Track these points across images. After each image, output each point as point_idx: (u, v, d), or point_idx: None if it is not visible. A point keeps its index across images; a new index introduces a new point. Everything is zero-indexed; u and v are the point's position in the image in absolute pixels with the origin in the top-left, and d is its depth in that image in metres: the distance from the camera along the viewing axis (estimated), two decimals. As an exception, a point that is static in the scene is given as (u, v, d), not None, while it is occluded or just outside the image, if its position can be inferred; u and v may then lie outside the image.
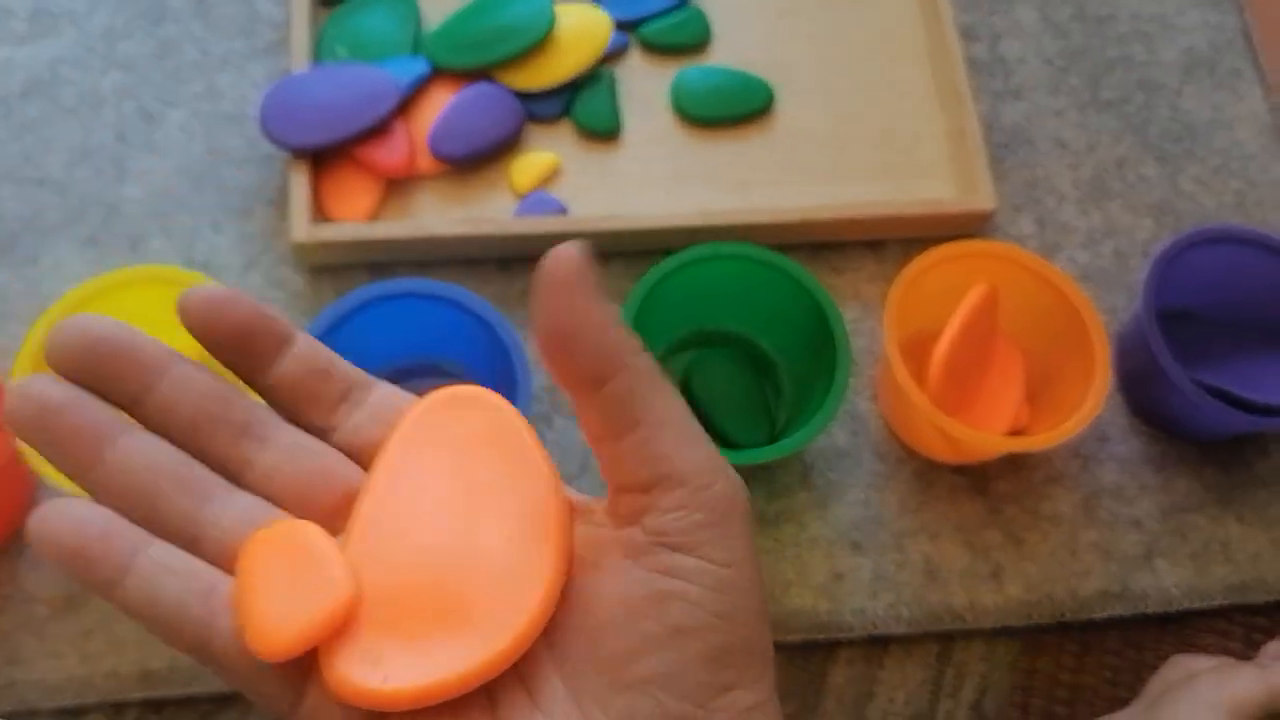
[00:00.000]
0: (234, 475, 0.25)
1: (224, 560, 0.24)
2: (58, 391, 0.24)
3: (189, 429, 0.25)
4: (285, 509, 0.25)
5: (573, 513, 0.26)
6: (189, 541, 0.24)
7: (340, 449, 0.26)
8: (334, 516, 0.26)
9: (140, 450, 0.24)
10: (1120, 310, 0.55)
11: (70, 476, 0.24)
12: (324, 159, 0.52)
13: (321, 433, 0.26)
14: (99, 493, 0.24)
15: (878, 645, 0.47)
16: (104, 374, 0.24)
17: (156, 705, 0.44)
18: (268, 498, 0.25)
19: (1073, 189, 0.57)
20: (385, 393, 0.27)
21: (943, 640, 0.48)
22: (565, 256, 0.23)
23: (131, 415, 0.25)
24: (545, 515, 0.25)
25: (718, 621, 0.23)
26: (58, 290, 0.50)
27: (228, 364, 0.26)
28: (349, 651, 0.23)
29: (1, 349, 0.49)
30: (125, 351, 0.24)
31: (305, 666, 0.24)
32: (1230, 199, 0.58)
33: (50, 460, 0.24)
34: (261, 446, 0.26)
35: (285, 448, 0.26)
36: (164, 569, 0.23)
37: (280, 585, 0.23)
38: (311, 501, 0.26)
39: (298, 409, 0.26)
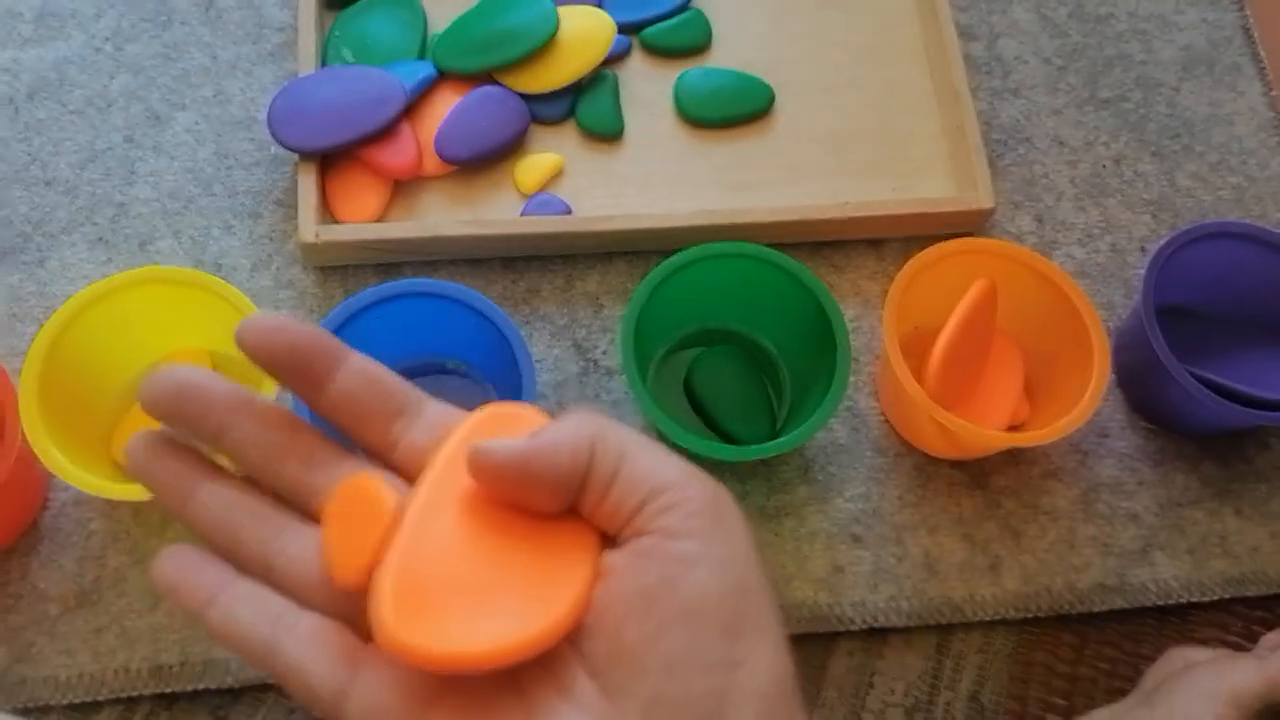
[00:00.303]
0: (303, 502, 0.29)
1: (295, 585, 0.28)
2: (155, 441, 0.29)
3: (263, 462, 0.28)
4: None
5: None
6: (263, 570, 0.28)
7: (398, 469, 0.29)
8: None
9: (224, 489, 0.28)
10: (1118, 306, 0.55)
11: (169, 511, 0.28)
12: (331, 161, 0.53)
13: (381, 451, 0.29)
14: (198, 527, 0.28)
15: (877, 637, 0.48)
16: (188, 415, 0.28)
17: (168, 700, 0.45)
18: None
19: (1070, 186, 0.58)
20: (438, 411, 0.29)
21: (942, 632, 0.48)
22: (482, 457, 0.26)
23: (214, 449, 0.28)
24: (579, 520, 0.28)
25: (727, 598, 0.25)
26: (67, 291, 0.51)
27: (286, 385, 0.28)
28: (409, 616, 0.25)
29: (12, 349, 0.50)
30: (202, 396, 0.28)
31: (356, 660, 0.26)
32: (1229, 195, 0.58)
33: (155, 494, 0.28)
34: (326, 473, 0.28)
35: (348, 473, 0.28)
36: (241, 600, 0.27)
37: (350, 526, 0.27)
38: None
39: (355, 426, 0.29)
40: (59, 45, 0.57)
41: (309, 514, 0.29)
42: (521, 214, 0.53)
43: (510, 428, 0.28)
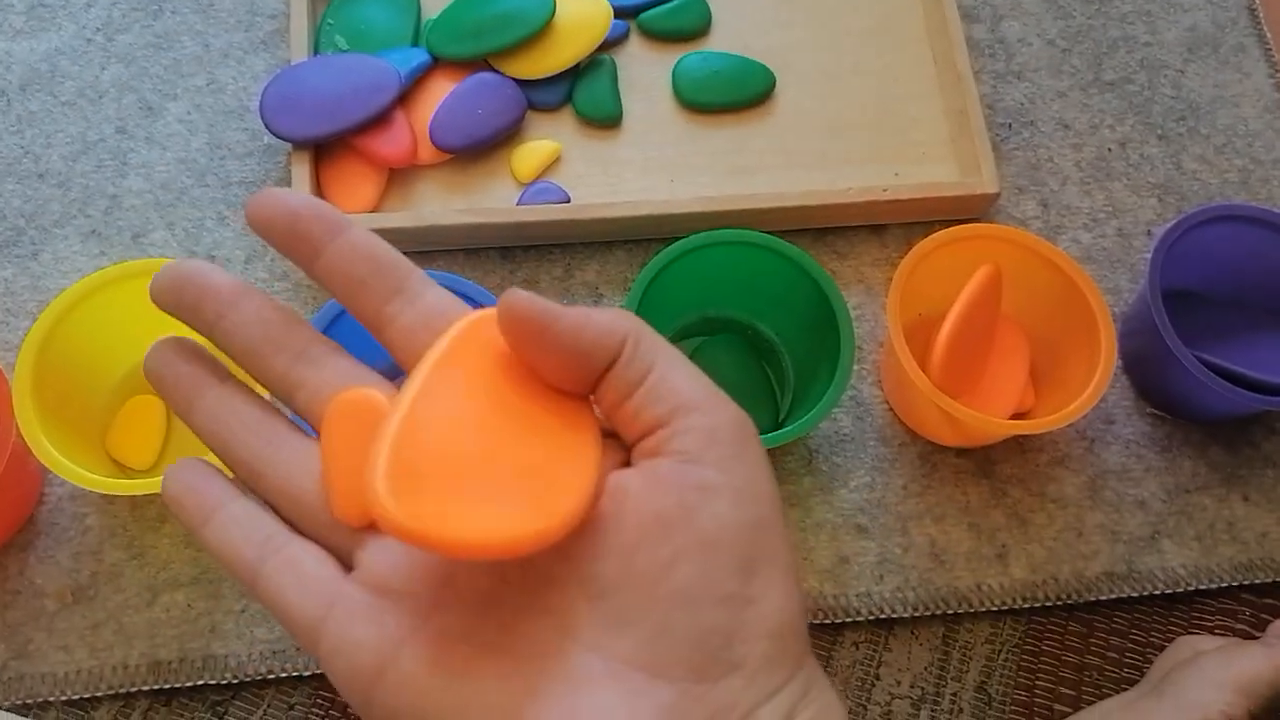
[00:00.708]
0: (287, 397, 0.28)
1: (284, 499, 0.27)
2: (169, 348, 0.29)
3: (248, 353, 0.28)
4: None
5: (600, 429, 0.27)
6: (254, 477, 0.28)
7: (393, 347, 0.28)
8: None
9: (222, 399, 0.28)
10: (1124, 291, 0.54)
11: (179, 415, 0.29)
12: (325, 150, 0.52)
13: (376, 326, 0.28)
14: (196, 432, 0.28)
15: (883, 628, 0.48)
16: (186, 303, 0.28)
17: (166, 696, 0.44)
18: (315, 419, 0.28)
19: (1075, 170, 0.57)
20: (439, 297, 0.28)
21: (948, 622, 0.48)
22: (514, 299, 0.25)
23: (208, 339, 0.28)
24: (581, 423, 0.26)
25: (744, 532, 0.24)
26: (60, 285, 0.50)
27: (283, 252, 0.28)
28: (406, 496, 0.23)
29: (6, 343, 0.49)
30: (202, 284, 0.28)
31: (334, 592, 0.26)
32: (1235, 177, 0.58)
33: (166, 400, 0.29)
34: (315, 370, 0.28)
35: (337, 370, 0.28)
36: (235, 520, 0.27)
37: (352, 448, 0.26)
38: None
39: (349, 296, 0.28)
40: (50, 36, 0.56)
41: (298, 409, 0.28)
42: (518, 202, 0.53)
43: None
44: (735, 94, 0.56)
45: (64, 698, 0.44)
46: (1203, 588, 0.49)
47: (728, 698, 0.24)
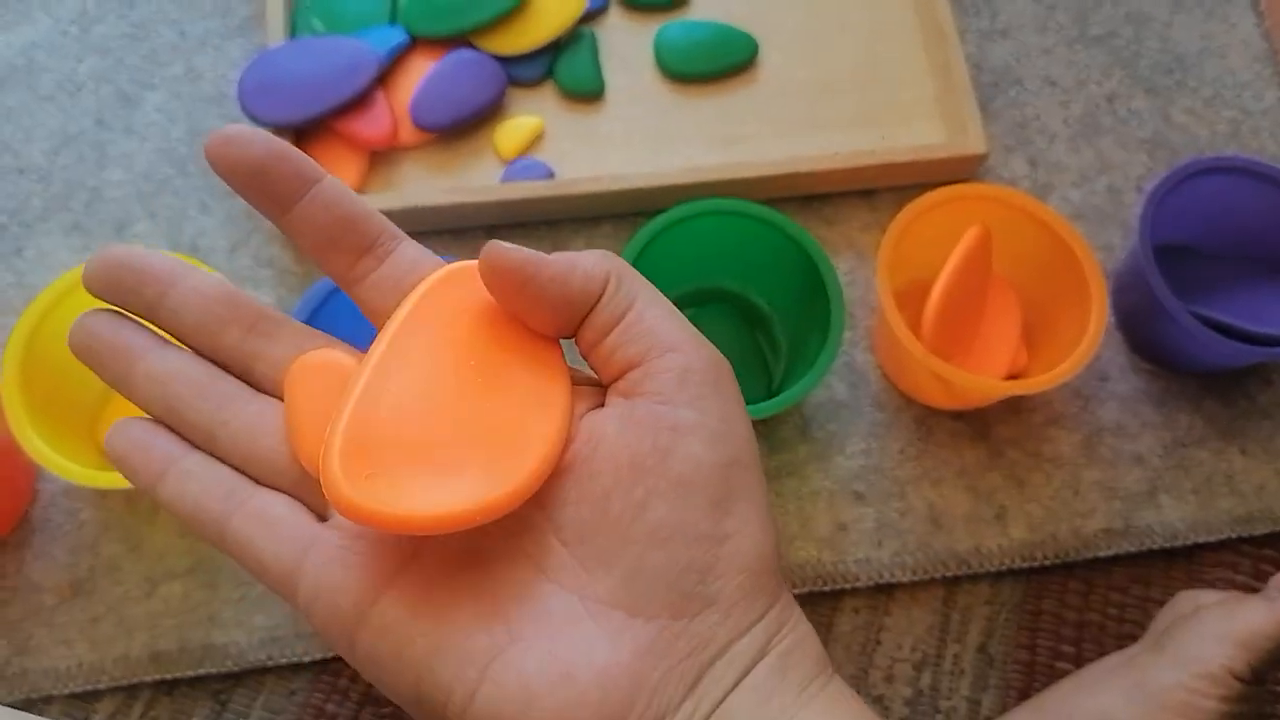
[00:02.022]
0: (244, 370, 0.27)
1: (240, 457, 0.27)
2: (98, 319, 0.28)
3: (199, 330, 0.27)
4: None
5: (571, 379, 0.27)
6: (207, 440, 0.27)
7: (364, 305, 0.28)
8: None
9: (164, 362, 0.27)
10: (1116, 248, 0.54)
11: (113, 386, 0.28)
12: (306, 134, 0.52)
13: (347, 284, 0.28)
14: (137, 400, 0.27)
15: (883, 593, 0.48)
16: (125, 287, 0.27)
17: (168, 686, 0.44)
18: (275, 388, 0.27)
19: (1064, 127, 0.57)
20: (413, 253, 0.28)
21: (948, 585, 0.48)
22: (497, 251, 0.25)
23: (150, 321, 0.27)
24: (552, 375, 0.26)
25: (718, 471, 0.25)
26: (45, 280, 0.50)
27: (251, 201, 0.27)
28: (361, 474, 0.23)
29: (-7, 341, 0.49)
30: (139, 266, 0.27)
31: (308, 538, 0.26)
32: (1224, 129, 0.57)
33: (96, 372, 0.28)
34: (269, 342, 0.27)
35: (292, 340, 0.27)
36: (190, 475, 0.27)
37: (318, 405, 0.26)
38: None
39: (319, 254, 0.27)
40: (25, 30, 0.56)
41: (252, 383, 0.27)
42: (502, 180, 0.52)
43: (477, 280, 0.27)
44: (718, 62, 0.56)
45: (67, 691, 0.44)
46: (1201, 541, 0.49)
47: (705, 632, 0.24)
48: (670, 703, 0.24)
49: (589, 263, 0.26)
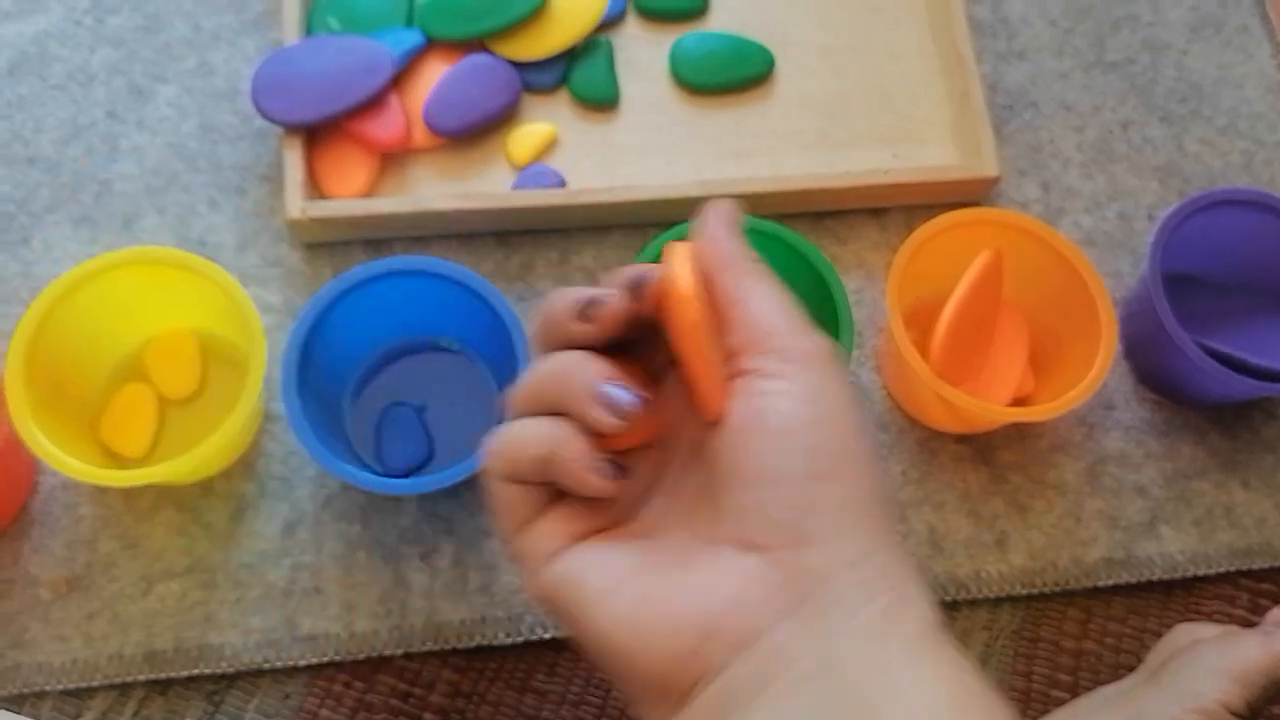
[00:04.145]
0: None
1: None
2: None
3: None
4: None
5: None
6: None
7: None
8: None
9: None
10: (1125, 275, 0.54)
11: None
12: (318, 134, 0.52)
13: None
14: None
15: (882, 616, 0.47)
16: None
17: (162, 685, 0.44)
18: None
19: (1077, 152, 0.56)
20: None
21: (946, 609, 0.48)
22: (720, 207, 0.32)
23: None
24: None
25: (810, 425, 0.28)
26: (52, 271, 0.50)
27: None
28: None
29: (-3, 331, 0.49)
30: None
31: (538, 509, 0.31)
32: (1237, 160, 0.57)
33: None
34: None
35: None
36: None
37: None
38: None
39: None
40: (38, 19, 0.55)
41: None
42: (514, 187, 0.52)
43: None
44: (733, 75, 0.56)
45: (60, 687, 0.44)
46: (1201, 574, 0.49)
47: (803, 561, 0.27)
48: (768, 620, 0.27)
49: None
